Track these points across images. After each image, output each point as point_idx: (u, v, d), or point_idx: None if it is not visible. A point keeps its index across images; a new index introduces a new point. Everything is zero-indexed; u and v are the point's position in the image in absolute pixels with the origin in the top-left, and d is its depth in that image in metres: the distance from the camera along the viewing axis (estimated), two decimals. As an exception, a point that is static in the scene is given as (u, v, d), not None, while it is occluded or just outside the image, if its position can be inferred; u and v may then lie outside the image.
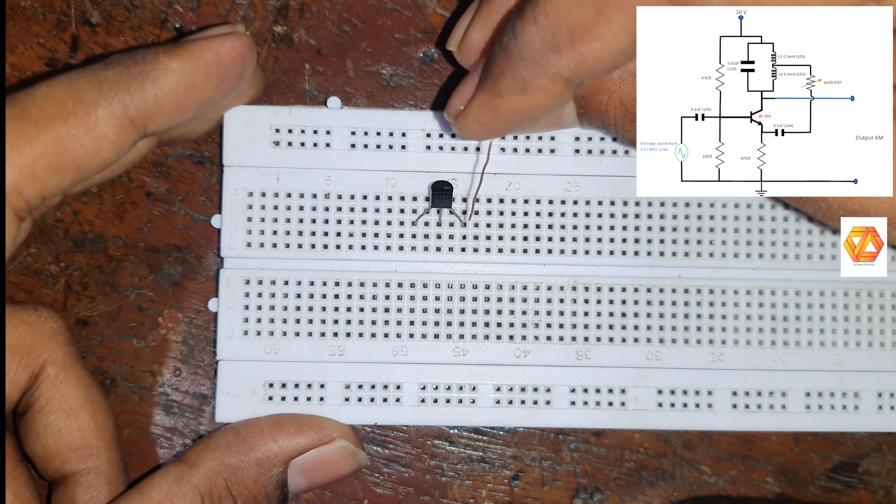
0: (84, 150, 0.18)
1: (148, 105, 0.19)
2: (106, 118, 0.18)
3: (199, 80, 0.20)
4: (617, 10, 0.17)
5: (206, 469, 0.21)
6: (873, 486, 0.25)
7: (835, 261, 0.23)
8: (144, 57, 0.19)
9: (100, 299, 0.24)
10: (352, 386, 0.23)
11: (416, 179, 0.23)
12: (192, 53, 0.19)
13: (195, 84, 0.19)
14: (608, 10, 0.17)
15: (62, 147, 0.18)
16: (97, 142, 0.18)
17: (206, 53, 0.20)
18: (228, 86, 0.20)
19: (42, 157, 0.18)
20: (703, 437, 0.24)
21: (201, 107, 0.20)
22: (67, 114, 0.18)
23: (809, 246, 0.23)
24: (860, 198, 0.19)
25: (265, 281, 0.23)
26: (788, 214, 0.23)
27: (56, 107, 0.18)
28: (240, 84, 0.21)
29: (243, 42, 0.20)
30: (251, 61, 0.20)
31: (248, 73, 0.21)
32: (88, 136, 0.18)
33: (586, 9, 0.17)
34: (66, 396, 0.21)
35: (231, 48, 0.20)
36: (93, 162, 0.19)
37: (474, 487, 0.24)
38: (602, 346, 0.23)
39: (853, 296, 0.23)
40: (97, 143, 0.18)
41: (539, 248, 0.23)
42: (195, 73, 0.19)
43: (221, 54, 0.20)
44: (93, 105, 0.18)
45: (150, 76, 0.19)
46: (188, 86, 0.19)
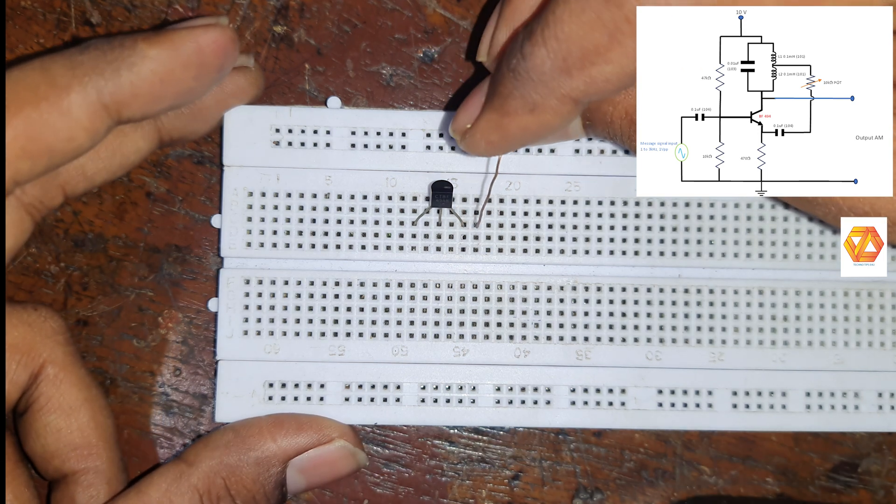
0: (57, 135, 0.18)
1: (123, 92, 0.19)
2: (79, 103, 0.18)
3: (178, 69, 0.19)
4: (629, 35, 0.17)
5: (204, 468, 0.21)
6: (873, 486, 0.25)
7: (835, 261, 0.23)
8: (122, 43, 0.19)
9: (100, 299, 0.24)
10: (352, 386, 0.23)
11: (416, 179, 0.23)
12: (172, 42, 0.19)
13: (173, 73, 0.19)
14: (621, 36, 0.17)
15: (34, 132, 0.18)
16: (70, 127, 0.18)
17: (186, 43, 0.19)
18: (209, 78, 0.20)
19: (14, 141, 0.18)
20: (703, 437, 0.24)
21: (179, 97, 0.20)
22: (40, 98, 0.18)
23: (809, 246, 0.23)
24: (868, 199, 0.19)
25: (265, 281, 0.23)
26: (788, 214, 0.23)
27: (28, 91, 0.18)
28: (221, 77, 0.20)
29: (225, 34, 0.20)
30: (233, 54, 0.20)
31: (230, 66, 0.20)
32: (61, 120, 0.18)
33: (599, 34, 0.17)
34: (65, 396, 0.21)
35: (213, 39, 0.19)
36: (66, 147, 0.18)
37: (474, 487, 0.24)
38: (602, 346, 0.23)
39: (853, 296, 0.23)
40: (70, 128, 0.18)
41: (539, 248, 0.23)
42: (174, 61, 0.19)
43: (202, 45, 0.19)
44: (66, 90, 0.18)
45: (126, 62, 0.19)
46: (166, 74, 0.19)
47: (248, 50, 0.24)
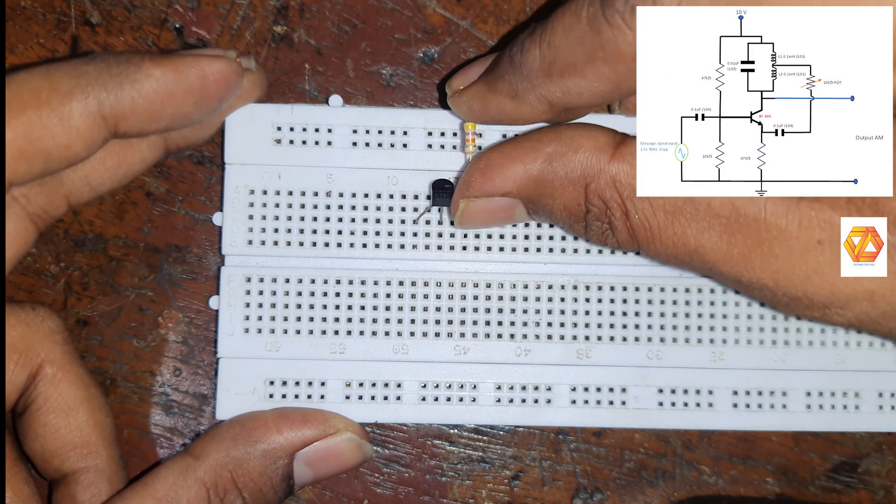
0: (55, 140, 0.18)
1: (123, 106, 0.19)
2: (79, 112, 0.18)
3: (179, 93, 0.20)
4: (603, 61, 0.19)
5: (211, 462, 0.21)
6: (873, 486, 0.25)
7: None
8: (129, 59, 0.19)
9: (100, 299, 0.24)
10: (352, 384, 0.23)
11: (417, 178, 0.23)
12: (177, 66, 0.20)
13: (174, 96, 0.19)
14: (596, 60, 0.19)
15: (33, 135, 0.18)
16: (68, 134, 0.18)
17: (191, 69, 0.20)
18: (208, 106, 0.20)
19: (12, 142, 0.18)
20: (703, 437, 0.24)
21: (176, 120, 0.20)
22: (41, 102, 0.18)
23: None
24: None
25: (266, 279, 0.23)
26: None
27: (31, 94, 0.18)
28: (220, 107, 0.21)
29: (231, 67, 0.20)
30: (236, 87, 0.21)
31: (231, 98, 0.21)
32: (60, 126, 0.18)
33: (579, 52, 0.19)
34: (64, 395, 0.21)
35: (217, 70, 0.20)
36: (62, 154, 0.19)
37: (474, 487, 0.24)
38: (603, 345, 0.23)
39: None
40: (68, 135, 0.18)
41: (540, 247, 0.23)
42: (176, 85, 0.19)
43: (206, 73, 0.20)
44: (67, 97, 0.18)
45: (129, 78, 0.19)
46: (166, 96, 0.19)
47: (248, 50, 0.24)
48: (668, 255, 0.20)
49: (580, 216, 0.20)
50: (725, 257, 0.19)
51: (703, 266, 0.20)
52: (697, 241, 0.19)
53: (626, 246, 0.20)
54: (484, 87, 0.21)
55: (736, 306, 0.23)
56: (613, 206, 0.19)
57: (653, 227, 0.19)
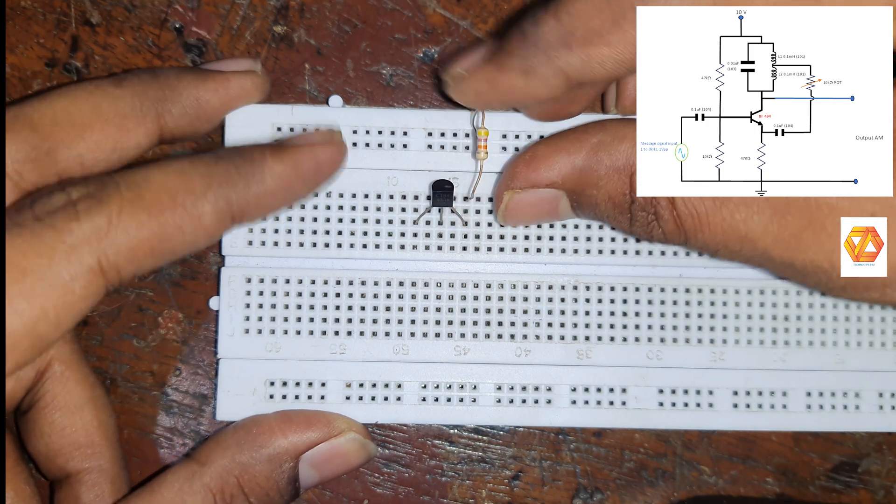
0: (184, 238, 0.19)
1: (249, 203, 0.19)
2: (210, 212, 0.19)
3: (297, 182, 0.20)
4: (632, 22, 0.18)
5: (217, 467, 0.21)
6: (873, 486, 0.25)
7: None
8: (252, 157, 0.20)
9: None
10: (353, 384, 0.23)
11: (417, 178, 0.23)
12: (296, 159, 0.20)
13: (292, 185, 0.20)
14: (624, 22, 0.18)
15: (166, 235, 0.18)
16: (196, 232, 0.19)
17: (307, 160, 0.20)
18: (318, 186, 0.21)
19: (146, 242, 0.18)
20: (703, 437, 0.24)
21: (290, 202, 0.21)
22: (177, 204, 0.18)
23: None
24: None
25: (266, 279, 0.23)
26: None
27: (168, 197, 0.18)
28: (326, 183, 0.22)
29: (341, 151, 0.21)
30: (342, 165, 0.21)
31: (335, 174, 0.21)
32: (191, 226, 0.19)
33: (605, 16, 0.18)
34: (70, 394, 0.21)
35: (330, 156, 0.21)
36: (186, 249, 0.19)
37: (474, 487, 0.24)
38: (603, 346, 0.23)
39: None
40: (196, 233, 0.19)
41: (540, 248, 0.23)
42: (295, 177, 0.20)
43: (321, 161, 0.20)
44: (201, 199, 0.19)
45: (256, 178, 0.19)
46: (287, 187, 0.20)
47: (248, 50, 0.24)
48: (717, 242, 0.19)
49: (625, 207, 0.20)
50: (777, 241, 0.19)
51: (754, 253, 0.19)
52: (747, 227, 0.19)
53: (672, 237, 0.20)
54: (492, 68, 0.20)
55: (736, 306, 0.23)
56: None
57: (700, 215, 0.19)
